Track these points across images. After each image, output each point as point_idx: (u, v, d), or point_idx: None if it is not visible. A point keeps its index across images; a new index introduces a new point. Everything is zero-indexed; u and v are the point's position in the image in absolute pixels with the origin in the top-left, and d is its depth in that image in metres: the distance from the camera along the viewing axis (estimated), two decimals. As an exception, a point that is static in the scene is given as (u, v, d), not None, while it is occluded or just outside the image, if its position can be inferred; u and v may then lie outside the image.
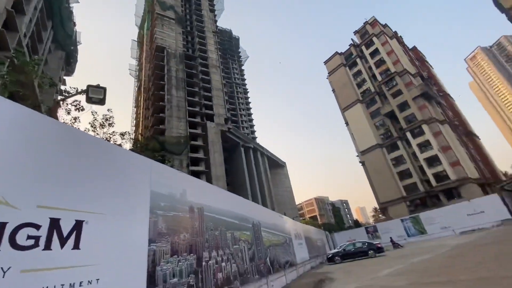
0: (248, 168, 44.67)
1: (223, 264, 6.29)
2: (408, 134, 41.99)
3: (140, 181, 4.53)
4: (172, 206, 5.19)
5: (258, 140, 74.86)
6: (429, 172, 38.70)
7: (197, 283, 5.09)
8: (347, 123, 54.17)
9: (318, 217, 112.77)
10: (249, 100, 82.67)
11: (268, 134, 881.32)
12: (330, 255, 20.50)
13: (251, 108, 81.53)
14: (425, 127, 40.15)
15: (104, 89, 5.39)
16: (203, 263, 5.54)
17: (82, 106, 13.37)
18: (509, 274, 6.48)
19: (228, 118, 46.92)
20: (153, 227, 4.45)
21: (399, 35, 59.20)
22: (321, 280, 10.97)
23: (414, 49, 63.50)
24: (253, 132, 77.45)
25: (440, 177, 37.64)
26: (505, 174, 53.92)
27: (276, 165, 60.09)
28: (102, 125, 15.16)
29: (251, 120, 79.09)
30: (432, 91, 45.71)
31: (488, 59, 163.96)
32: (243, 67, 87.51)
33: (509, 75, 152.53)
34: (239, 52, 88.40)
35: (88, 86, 5.22)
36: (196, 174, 33.54)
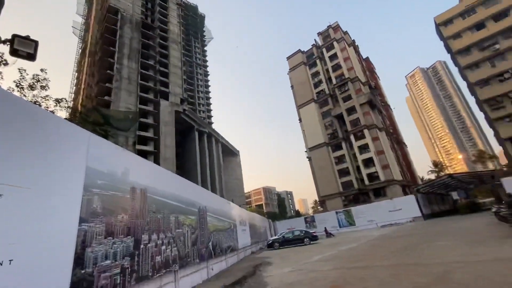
0: (200, 153, 43.74)
1: (163, 247, 6.15)
2: (352, 137, 46.29)
3: (75, 155, 4.07)
4: (111, 185, 4.82)
5: (214, 126, 73.57)
6: (364, 172, 43.56)
7: (132, 265, 4.89)
8: (300, 120, 56.92)
9: (264, 205, 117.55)
10: (209, 83, 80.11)
11: (225, 121, 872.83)
12: (270, 242, 21.69)
13: (210, 92, 79.21)
14: (366, 132, 44.76)
15: (36, 42, 4.56)
16: (141, 246, 5.32)
17: (5, 60, 11.21)
18: (413, 261, 7.82)
19: (184, 98, 44.80)
20: (86, 205, 4.07)
21: (356, 44, 63.83)
22: (260, 264, 11.59)
23: (367, 59, 69.34)
24: (209, 117, 75.67)
25: (372, 177, 42.71)
26: (422, 179, 63.89)
27: (230, 153, 60.21)
28: (31, 87, 13.00)
29: (209, 105, 76.99)
30: (376, 100, 50.90)
31: (423, 79, 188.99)
32: (206, 48, 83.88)
33: (437, 96, 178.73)
34: (204, 31, 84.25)
35: (14, 35, 4.36)
36: (143, 154, 31.50)
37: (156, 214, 6.17)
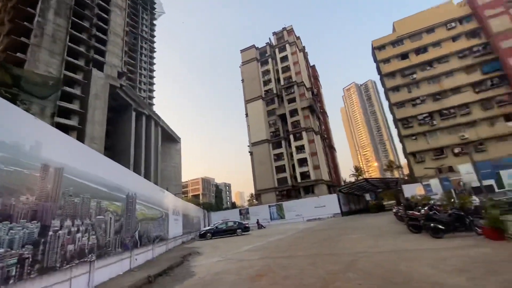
0: (136, 135, 40.13)
1: (79, 235, 5.45)
2: (291, 137, 49.40)
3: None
4: (14, 160, 4.00)
5: (155, 108, 68.32)
6: (298, 171, 47.15)
7: (35, 255, 4.19)
8: (247, 115, 57.75)
9: (200, 196, 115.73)
10: (155, 61, 73.85)
11: (169, 105, 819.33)
12: (202, 232, 21.55)
13: (154, 70, 73.11)
14: (304, 134, 48.39)
15: None
16: (50, 233, 4.60)
17: None
18: (329, 252, 8.84)
19: (123, 73, 40.21)
20: (-26, 181, 3.29)
21: (306, 50, 67.91)
22: (189, 254, 11.39)
23: (313, 67, 74.62)
24: (151, 97, 69.92)
25: (304, 175, 46.57)
26: (344, 181, 72.82)
27: (170, 138, 57.03)
28: None
29: (151, 84, 71.03)
30: (316, 106, 55.38)
31: (357, 94, 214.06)
32: (155, 22, 76.79)
33: (365, 110, 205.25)
34: (154, 3, 76.90)
35: None
36: (64, 129, 27.06)
37: (73, 198, 5.41)
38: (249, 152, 55.20)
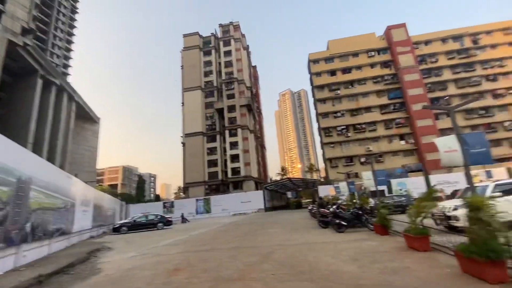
0: (41, 108, 33.07)
1: None
2: (227, 132, 49.59)
3: None
4: None
5: (70, 80, 57.92)
6: (230, 166, 47.75)
7: None
8: (183, 103, 54.97)
9: (119, 185, 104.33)
10: (76, 25, 62.47)
11: (93, 80, 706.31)
12: (117, 225, 19.51)
13: (75, 35, 61.88)
14: (239, 131, 49.29)
15: None
16: None
17: None
18: (249, 244, 9.25)
19: (31, 29, 32.54)
20: None
21: (249, 50, 69.16)
22: (97, 249, 10.14)
23: (254, 67, 76.71)
24: (67, 66, 58.97)
25: (235, 171, 47.49)
26: (271, 179, 77.62)
27: (87, 117, 49.19)
28: None
29: (69, 50, 59.89)
30: (254, 106, 57.16)
31: (291, 100, 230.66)
32: (81, -22, 64.82)
33: (296, 116, 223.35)
34: (83, -44, 64.88)
35: None
36: None
37: None
38: (182, 143, 52.79)
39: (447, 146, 6.23)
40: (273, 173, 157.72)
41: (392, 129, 43.03)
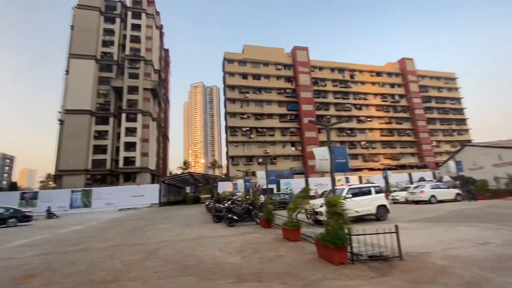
0: None
1: None
2: (123, 116, 43.41)
3: None
4: None
5: None
6: (122, 155, 41.96)
7: None
8: (67, 72, 44.35)
9: None
10: None
11: None
12: None
13: None
14: (139, 117, 44.14)
15: None
16: None
17: None
18: (134, 242, 8.45)
19: None
20: None
21: (163, 30, 63.31)
22: None
23: (167, 51, 70.85)
24: None
25: (129, 161, 42.20)
26: (170, 172, 73.47)
27: None
28: None
29: None
30: (160, 92, 52.64)
31: (202, 93, 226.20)
32: None
33: (205, 111, 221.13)
34: None
35: None
36: None
37: None
38: (59, 120, 42.49)
39: (321, 155, 7.70)
40: (175, 166, 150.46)
41: (286, 136, 49.09)
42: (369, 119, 54.78)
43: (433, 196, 16.73)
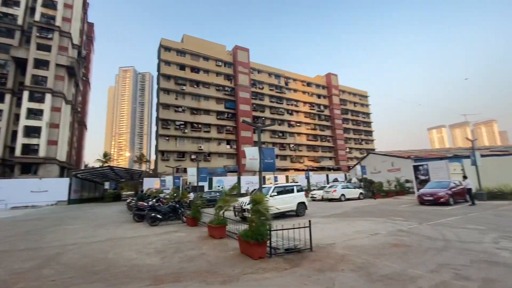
0: None
1: None
2: (26, 94, 35.39)
3: None
4: None
5: None
6: (20, 141, 34.20)
7: None
8: None
9: None
10: None
11: None
12: None
13: None
14: (48, 97, 36.74)
15: None
16: None
17: None
18: (28, 246, 7.05)
19: None
20: None
21: (87, 1, 54.39)
22: None
23: (91, 25, 61.09)
24: None
25: (30, 149, 34.70)
26: (86, 165, 63.77)
27: None
28: None
29: None
30: (79, 71, 45.12)
31: (132, 79, 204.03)
32: None
33: (135, 99, 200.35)
34: None
35: None
36: None
37: None
38: None
39: (252, 155, 8.05)
40: (93, 158, 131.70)
41: (222, 133, 49.06)
42: (298, 124, 59.71)
43: (343, 195, 19.51)
